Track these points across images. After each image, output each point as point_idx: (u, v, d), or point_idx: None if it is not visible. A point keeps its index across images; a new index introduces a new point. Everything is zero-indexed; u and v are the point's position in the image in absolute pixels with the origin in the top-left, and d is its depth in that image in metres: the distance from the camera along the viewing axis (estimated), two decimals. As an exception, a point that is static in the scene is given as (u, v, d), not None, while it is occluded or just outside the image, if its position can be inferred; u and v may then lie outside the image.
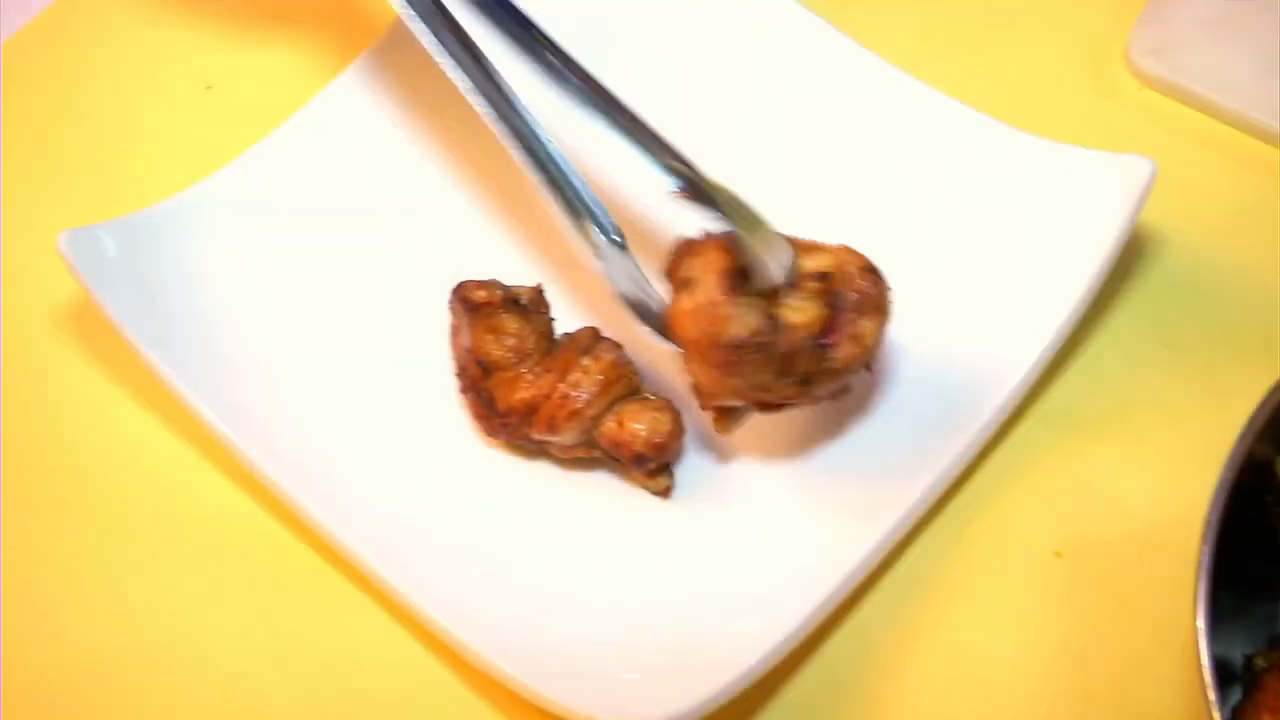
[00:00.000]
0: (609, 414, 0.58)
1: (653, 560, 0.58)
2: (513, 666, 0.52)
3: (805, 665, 0.55)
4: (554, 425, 0.58)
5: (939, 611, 0.56)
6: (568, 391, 0.57)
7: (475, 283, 0.60)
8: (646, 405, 0.58)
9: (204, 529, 0.60)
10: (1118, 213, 0.59)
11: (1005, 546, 0.58)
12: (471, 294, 0.59)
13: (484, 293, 0.59)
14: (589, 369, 0.58)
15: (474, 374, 0.59)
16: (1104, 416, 0.61)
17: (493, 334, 0.58)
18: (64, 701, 0.56)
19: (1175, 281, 0.64)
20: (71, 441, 0.63)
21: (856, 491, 0.57)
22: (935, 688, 0.55)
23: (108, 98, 0.74)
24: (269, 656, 0.57)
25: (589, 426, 0.58)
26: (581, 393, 0.57)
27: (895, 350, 0.60)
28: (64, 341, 0.65)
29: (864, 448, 0.59)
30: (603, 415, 0.58)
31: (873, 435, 0.59)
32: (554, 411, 0.57)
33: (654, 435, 0.57)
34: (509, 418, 0.58)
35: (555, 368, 0.58)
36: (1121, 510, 0.58)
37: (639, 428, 0.57)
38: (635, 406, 0.58)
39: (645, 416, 0.57)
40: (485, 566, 0.57)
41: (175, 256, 0.63)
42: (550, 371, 0.58)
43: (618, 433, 0.57)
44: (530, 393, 0.58)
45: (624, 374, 0.58)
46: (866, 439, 0.59)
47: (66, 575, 0.59)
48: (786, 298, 0.54)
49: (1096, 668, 0.55)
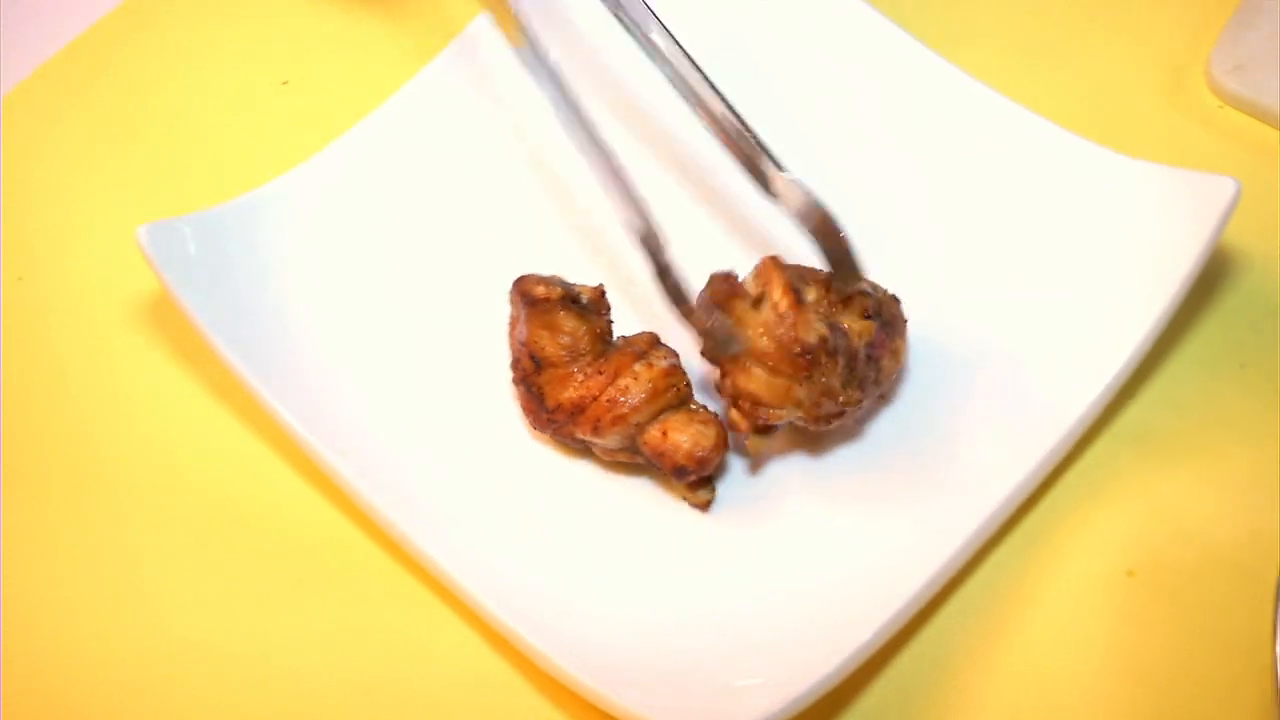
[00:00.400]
0: (654, 422, 0.58)
1: (688, 574, 0.57)
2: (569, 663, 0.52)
3: (875, 680, 0.55)
4: (599, 428, 0.58)
5: (1010, 629, 0.56)
6: (615, 395, 0.57)
7: (536, 277, 0.59)
8: (693, 417, 0.58)
9: (274, 524, 0.60)
10: (1199, 232, 0.58)
11: (1078, 565, 0.57)
12: (531, 288, 0.59)
13: (544, 288, 0.59)
14: (640, 375, 0.57)
15: (526, 367, 0.59)
16: (1180, 436, 0.60)
17: (548, 330, 0.58)
18: (135, 696, 0.56)
19: (1255, 302, 0.63)
20: (145, 435, 0.63)
21: (927, 509, 0.57)
22: (1005, 705, 0.54)
23: (182, 93, 0.74)
24: (334, 653, 0.57)
25: (633, 433, 0.58)
26: (629, 398, 0.57)
27: (970, 365, 0.60)
28: (139, 335, 0.66)
29: (934, 465, 0.58)
30: (648, 423, 0.58)
31: (945, 452, 0.59)
32: (600, 414, 0.57)
33: (696, 448, 0.57)
34: (556, 415, 0.58)
35: (607, 370, 0.58)
36: (1196, 531, 0.58)
37: (682, 439, 0.57)
38: (682, 417, 0.58)
39: (690, 429, 0.57)
40: (524, 558, 0.57)
41: (251, 251, 0.63)
42: (601, 374, 0.58)
43: (660, 442, 0.57)
44: (578, 392, 0.58)
45: (674, 384, 0.58)
46: (938, 456, 0.59)
47: (138, 568, 0.59)
48: (840, 314, 0.56)
49: (1170, 690, 0.54)
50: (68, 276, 0.68)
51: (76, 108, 0.74)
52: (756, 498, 0.59)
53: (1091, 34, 0.73)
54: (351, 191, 0.66)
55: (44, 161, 0.72)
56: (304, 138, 0.68)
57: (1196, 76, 0.71)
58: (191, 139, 0.72)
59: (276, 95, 0.74)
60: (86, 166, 0.72)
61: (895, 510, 0.57)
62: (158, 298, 0.65)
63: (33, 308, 0.67)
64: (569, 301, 0.59)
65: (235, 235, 0.63)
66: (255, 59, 0.75)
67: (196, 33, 0.77)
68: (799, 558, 0.57)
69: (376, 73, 0.72)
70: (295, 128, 0.71)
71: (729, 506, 0.59)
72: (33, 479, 0.62)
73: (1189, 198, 0.59)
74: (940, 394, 0.59)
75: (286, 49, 0.76)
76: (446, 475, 0.59)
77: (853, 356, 0.56)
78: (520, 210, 0.67)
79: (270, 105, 0.74)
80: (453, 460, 0.60)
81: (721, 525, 0.58)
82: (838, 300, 0.57)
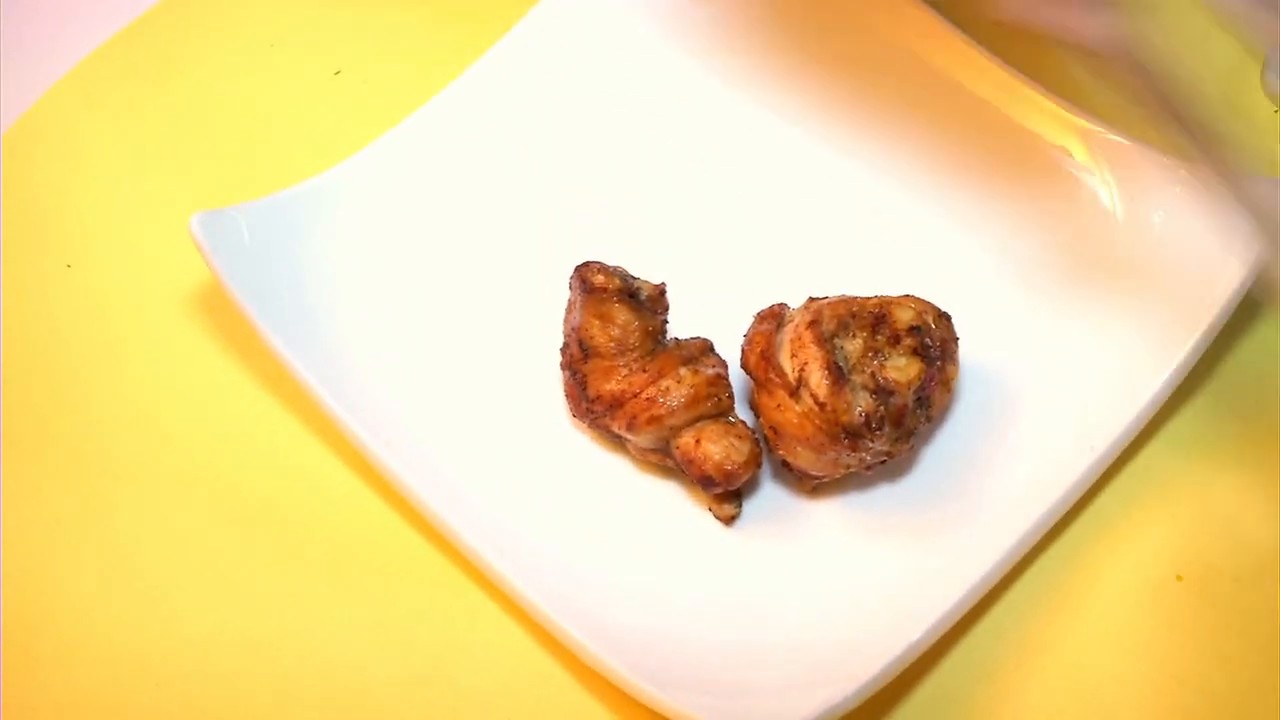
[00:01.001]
0: (690, 429, 0.57)
1: (705, 586, 0.57)
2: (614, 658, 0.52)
3: (921, 682, 0.55)
4: (634, 424, 0.57)
5: (1057, 632, 0.56)
6: (655, 395, 0.57)
7: (599, 265, 0.59)
8: (729, 430, 0.57)
9: (321, 515, 0.60)
10: (1253, 239, 0.57)
11: (1125, 569, 0.57)
12: (591, 276, 0.59)
13: (603, 277, 0.59)
14: (683, 379, 0.57)
15: (574, 354, 0.59)
16: (1230, 441, 0.60)
17: (600, 319, 0.58)
18: (174, 685, 0.56)
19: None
20: (195, 425, 0.63)
21: (971, 516, 0.57)
22: (1052, 709, 0.54)
23: (235, 82, 0.74)
24: (379, 646, 0.57)
25: (667, 435, 0.58)
26: (669, 400, 0.57)
27: (1015, 374, 0.60)
28: (191, 324, 0.66)
29: (982, 470, 0.58)
30: (683, 428, 0.57)
31: (994, 457, 0.58)
32: (637, 410, 0.57)
33: (726, 461, 0.56)
34: (595, 405, 0.58)
35: (651, 368, 0.58)
36: (1246, 536, 0.57)
37: (713, 449, 0.56)
38: (718, 428, 0.57)
39: (723, 440, 0.57)
40: (560, 550, 0.57)
41: (303, 242, 0.63)
42: (645, 371, 0.58)
43: (692, 449, 0.57)
44: (620, 386, 0.58)
45: (715, 393, 0.58)
46: (988, 460, 0.58)
47: (184, 557, 0.59)
48: (888, 358, 0.56)
49: (1217, 696, 0.54)
50: (118, 265, 0.68)
51: (129, 96, 0.74)
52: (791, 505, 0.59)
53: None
54: (404, 183, 0.66)
55: (95, 149, 0.72)
56: (357, 128, 0.68)
57: (1252, 81, 0.70)
58: (244, 128, 0.72)
59: (329, 85, 0.74)
60: (138, 154, 0.72)
61: (938, 518, 0.57)
62: (210, 287, 0.65)
63: (81, 295, 0.67)
64: (626, 295, 0.58)
65: (288, 225, 0.63)
66: (308, 48, 0.75)
67: (249, 22, 0.76)
68: (840, 562, 0.57)
69: (430, 63, 0.72)
70: (348, 118, 0.72)
71: (761, 513, 0.59)
72: (85, 466, 0.62)
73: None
74: (985, 404, 0.59)
75: (339, 38, 0.76)
76: (491, 466, 0.59)
77: (900, 414, 0.55)
78: (583, 205, 0.67)
79: (323, 95, 0.73)
80: (496, 451, 0.60)
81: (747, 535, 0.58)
82: (886, 340, 0.56)
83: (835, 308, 0.57)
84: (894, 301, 0.57)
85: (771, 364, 0.56)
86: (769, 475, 0.59)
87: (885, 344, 0.56)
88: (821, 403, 0.54)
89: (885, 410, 0.55)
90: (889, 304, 0.57)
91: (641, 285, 0.60)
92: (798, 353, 0.56)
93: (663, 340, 0.59)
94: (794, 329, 0.57)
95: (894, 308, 0.57)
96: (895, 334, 0.56)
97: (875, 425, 0.54)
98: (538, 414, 0.61)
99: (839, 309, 0.57)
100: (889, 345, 0.56)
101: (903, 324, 0.56)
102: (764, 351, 0.56)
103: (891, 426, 0.55)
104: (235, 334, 0.65)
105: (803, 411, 0.55)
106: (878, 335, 0.56)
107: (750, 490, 0.59)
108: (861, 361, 0.56)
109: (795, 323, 0.57)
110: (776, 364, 0.56)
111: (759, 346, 0.57)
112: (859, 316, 0.56)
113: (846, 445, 0.54)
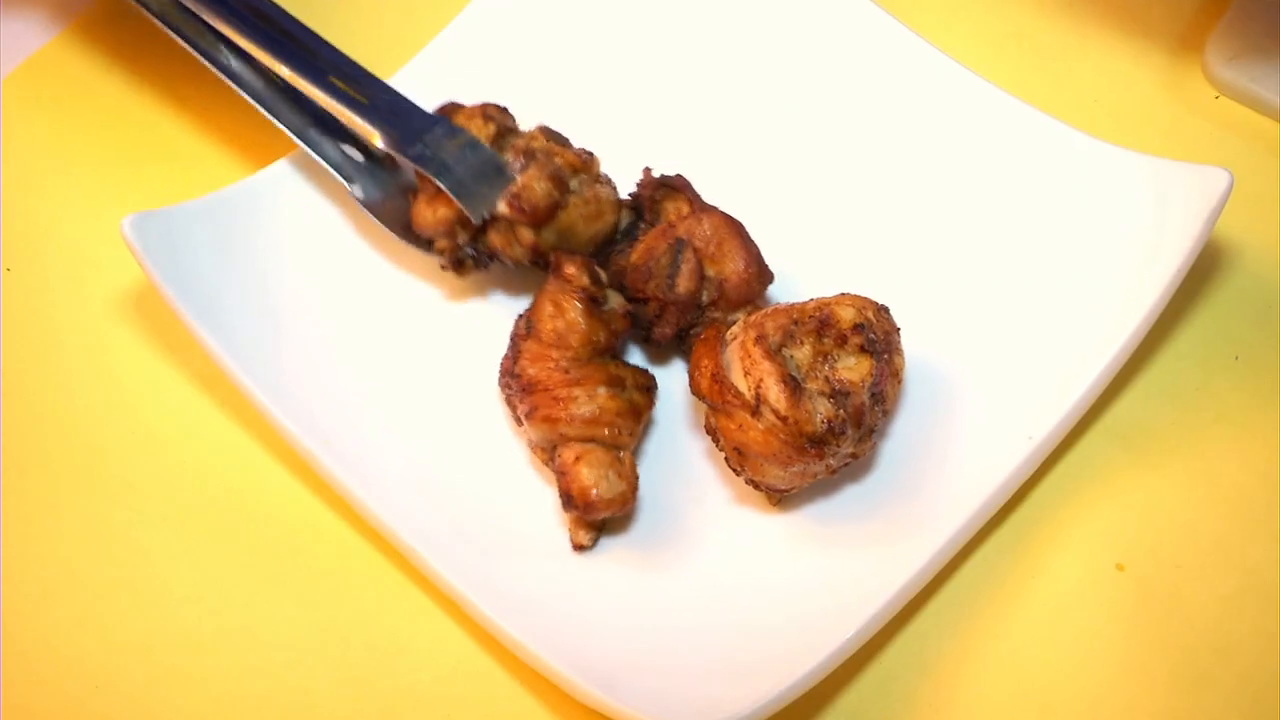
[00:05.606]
0: (579, 444, 0.56)
1: (646, 584, 0.57)
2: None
3: (863, 672, 0.55)
4: (532, 414, 0.57)
5: (997, 622, 0.56)
6: (564, 398, 0.56)
7: (582, 259, 0.58)
8: (614, 463, 0.56)
9: (259, 514, 0.60)
10: (1192, 223, 0.57)
11: (1065, 559, 0.57)
12: (565, 263, 0.58)
13: (574, 269, 0.58)
14: (595, 397, 0.56)
15: (521, 327, 0.58)
16: (1172, 429, 0.60)
17: (554, 306, 0.57)
18: (108, 688, 0.56)
19: (1248, 293, 0.63)
20: (133, 425, 0.63)
21: (911, 506, 0.57)
22: (992, 699, 0.54)
23: (170, 84, 0.74)
24: (318, 645, 0.57)
25: (555, 441, 0.57)
26: (571, 409, 0.56)
27: (956, 360, 0.60)
28: (127, 325, 0.65)
29: (920, 461, 0.58)
30: (573, 440, 0.56)
31: (931, 448, 0.58)
32: (540, 404, 0.57)
33: (594, 488, 0.55)
34: (513, 380, 0.58)
35: (575, 373, 0.57)
36: (1186, 525, 0.57)
37: (587, 473, 0.55)
38: (605, 456, 0.56)
39: (602, 470, 0.55)
40: (484, 548, 0.57)
41: (236, 242, 0.63)
42: (568, 373, 0.57)
43: (569, 464, 0.56)
44: (539, 375, 0.57)
45: (619, 425, 0.57)
46: (925, 451, 0.58)
47: (116, 559, 0.59)
48: (838, 360, 0.55)
49: (1158, 684, 0.54)
50: (56, 268, 0.68)
51: (65, 99, 0.74)
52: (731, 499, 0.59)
53: (1088, 23, 0.72)
54: (336, 183, 0.65)
55: (31, 153, 0.72)
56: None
57: (1193, 67, 0.70)
58: (179, 130, 0.72)
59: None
60: (74, 157, 0.72)
61: (878, 507, 0.57)
62: (147, 288, 0.64)
63: (21, 299, 0.67)
64: (588, 296, 0.57)
65: (222, 225, 0.62)
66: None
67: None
68: (780, 557, 0.57)
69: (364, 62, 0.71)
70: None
71: (705, 507, 0.58)
72: (23, 468, 0.61)
73: (1182, 189, 0.59)
74: (927, 390, 0.59)
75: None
76: (428, 465, 0.59)
77: (859, 413, 0.54)
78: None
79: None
80: (435, 450, 0.60)
81: (697, 525, 0.58)
82: (834, 342, 0.55)
83: (776, 318, 0.56)
84: (833, 302, 0.56)
85: (725, 385, 0.55)
86: (724, 485, 0.59)
87: (833, 346, 0.55)
88: (783, 416, 0.53)
89: (845, 412, 0.54)
90: (828, 305, 0.56)
91: (612, 298, 0.59)
92: (750, 370, 0.55)
93: (611, 354, 0.58)
94: (740, 346, 0.56)
95: (835, 308, 0.56)
96: (841, 334, 0.55)
97: (838, 429, 0.54)
98: (478, 414, 0.61)
99: (780, 319, 0.56)
100: (837, 347, 0.55)
101: (846, 323, 0.55)
102: (714, 374, 0.55)
103: (853, 427, 0.54)
104: (171, 335, 0.64)
105: (765, 429, 0.54)
106: (824, 339, 0.55)
107: (614, 529, 0.58)
108: (814, 368, 0.55)
109: (740, 339, 0.56)
110: (730, 384, 0.55)
111: (709, 370, 0.56)
112: (802, 323, 0.56)
113: (813, 454, 0.54)
